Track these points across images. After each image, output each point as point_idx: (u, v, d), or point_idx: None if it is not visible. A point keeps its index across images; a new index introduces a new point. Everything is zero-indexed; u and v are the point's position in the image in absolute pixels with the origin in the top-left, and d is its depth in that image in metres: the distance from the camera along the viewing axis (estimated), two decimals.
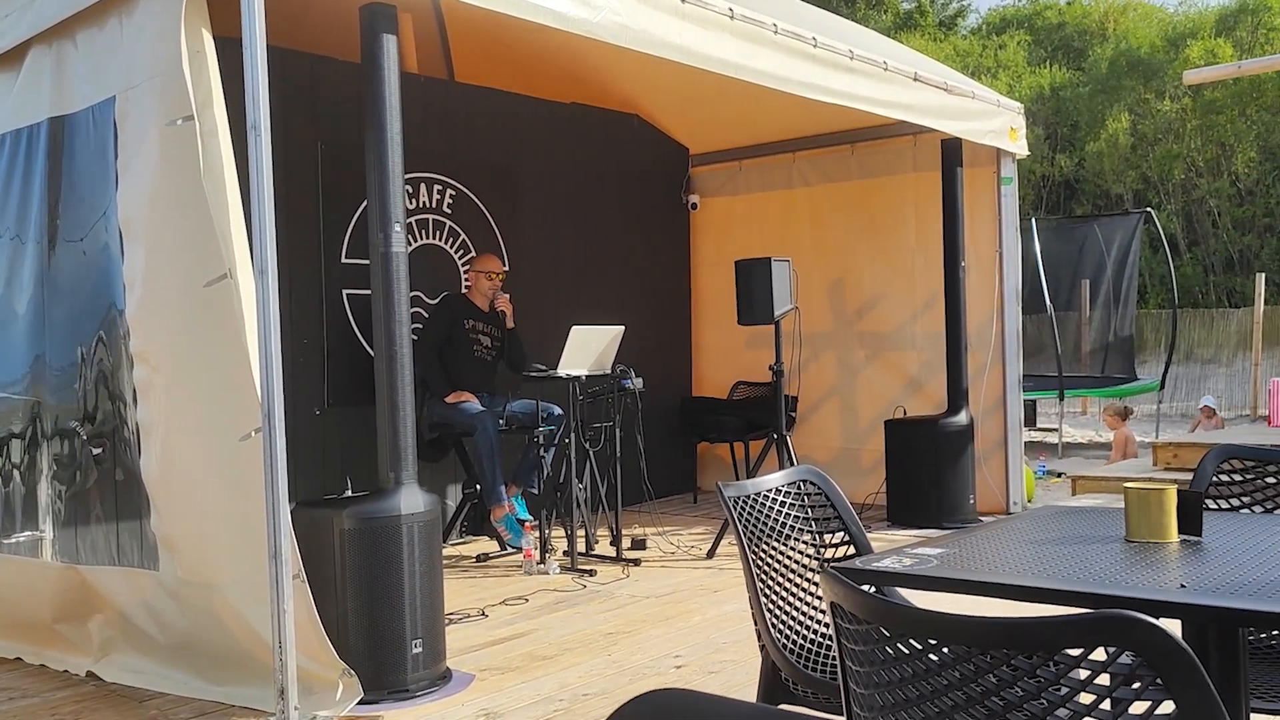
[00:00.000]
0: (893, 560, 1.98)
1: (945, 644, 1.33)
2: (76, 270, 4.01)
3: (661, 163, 8.06)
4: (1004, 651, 1.29)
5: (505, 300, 6.13)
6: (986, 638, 1.29)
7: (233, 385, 3.35)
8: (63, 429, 4.14)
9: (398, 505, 3.69)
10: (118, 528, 3.88)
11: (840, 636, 1.50)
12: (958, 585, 1.82)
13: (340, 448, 5.88)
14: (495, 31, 6.33)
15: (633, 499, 6.74)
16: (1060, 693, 1.29)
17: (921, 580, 1.86)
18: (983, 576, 1.81)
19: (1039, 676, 1.29)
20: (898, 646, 1.39)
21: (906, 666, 1.38)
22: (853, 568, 1.91)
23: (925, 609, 1.35)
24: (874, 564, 1.95)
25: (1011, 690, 1.30)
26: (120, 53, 3.68)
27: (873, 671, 1.43)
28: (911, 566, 1.92)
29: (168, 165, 3.48)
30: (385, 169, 3.73)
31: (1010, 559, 1.97)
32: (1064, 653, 1.28)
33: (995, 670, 1.31)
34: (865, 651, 1.44)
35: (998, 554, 2.01)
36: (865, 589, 1.44)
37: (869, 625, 1.42)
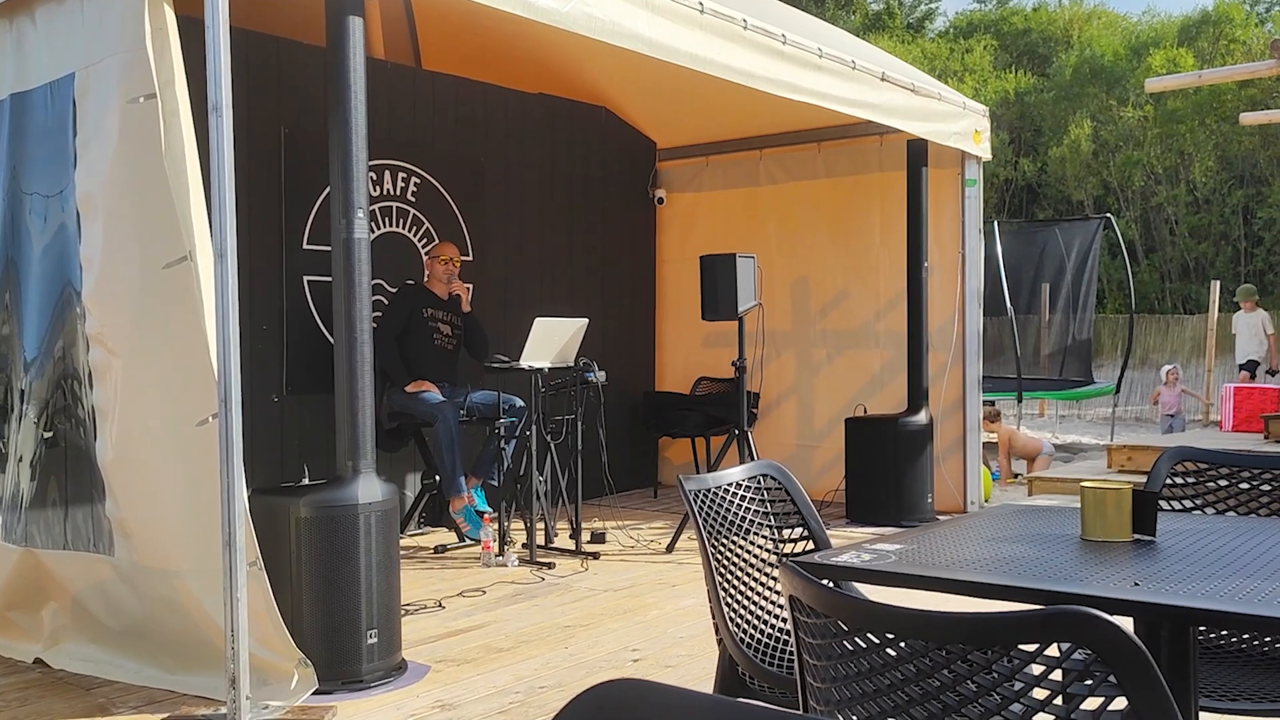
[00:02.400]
0: (851, 555, 1.98)
1: (902, 638, 1.34)
2: (35, 250, 3.93)
3: (629, 156, 8.04)
4: (960, 646, 1.30)
5: (460, 285, 6.08)
6: (943, 632, 1.30)
7: (191, 369, 3.30)
8: (16, 410, 4.06)
9: (355, 494, 3.65)
10: (72, 512, 3.81)
11: (798, 630, 1.50)
12: (915, 581, 1.83)
13: (298, 435, 5.82)
14: (464, 19, 6.28)
15: (593, 492, 6.74)
16: (1015, 688, 1.29)
17: (880, 575, 1.87)
18: (940, 573, 1.82)
19: (994, 671, 1.30)
20: (855, 640, 1.39)
21: (864, 660, 1.38)
22: (812, 562, 1.92)
23: (883, 603, 1.36)
24: (833, 559, 1.95)
25: (967, 685, 1.31)
26: (81, 29, 3.61)
27: (830, 665, 1.43)
28: (870, 562, 1.92)
29: (128, 143, 3.42)
30: (349, 154, 3.68)
31: (968, 556, 1.98)
32: (1019, 648, 1.28)
33: (951, 665, 1.31)
34: (823, 645, 1.44)
35: (956, 551, 2.03)
36: (824, 583, 1.44)
37: (827, 619, 1.42)
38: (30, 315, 3.93)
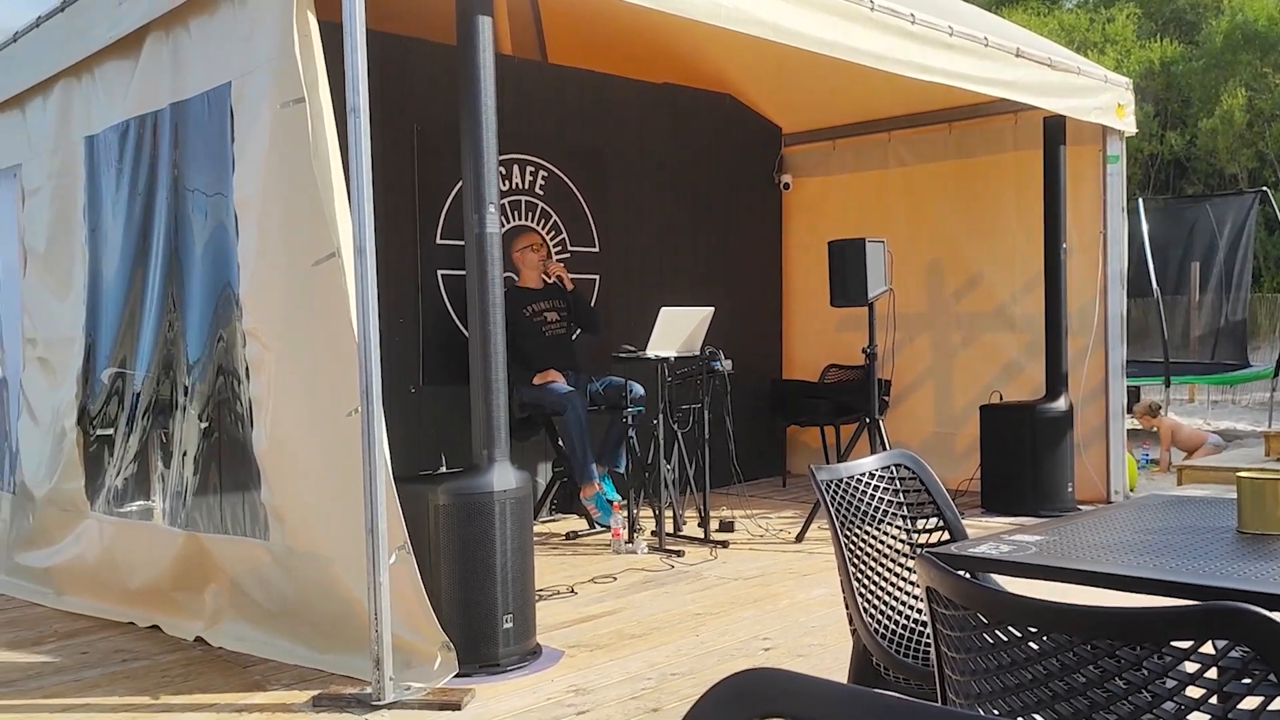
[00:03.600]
0: (990, 546, 1.94)
1: (1045, 632, 1.30)
2: (197, 252, 4.16)
3: (754, 142, 7.99)
4: (1108, 642, 1.25)
5: (558, 266, 6.11)
6: (1089, 627, 1.26)
7: (339, 362, 3.43)
8: (179, 403, 4.30)
9: (491, 482, 3.74)
10: (231, 498, 4.02)
11: (936, 622, 1.47)
12: (1058, 573, 1.77)
13: (434, 425, 5.98)
14: (588, 12, 6.34)
15: (721, 481, 6.73)
16: (1166, 686, 1.25)
17: (1020, 567, 1.82)
18: (1084, 565, 1.76)
19: (1144, 668, 1.25)
20: (996, 633, 1.36)
21: (1004, 654, 1.35)
22: (949, 553, 1.88)
23: (1025, 596, 1.32)
24: (970, 549, 1.91)
25: (1115, 681, 1.26)
26: (234, 39, 3.78)
27: (969, 658, 1.41)
28: (1009, 553, 1.87)
29: (278, 147, 3.58)
30: (480, 152, 3.76)
31: (1113, 548, 1.91)
32: (1171, 645, 1.23)
33: (1098, 661, 1.27)
34: (962, 638, 1.41)
35: (1100, 542, 1.96)
36: (962, 575, 1.42)
37: (966, 611, 1.39)
38: (193, 315, 4.17)
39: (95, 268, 4.90)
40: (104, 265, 4.85)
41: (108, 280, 4.82)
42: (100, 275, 4.87)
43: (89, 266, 4.93)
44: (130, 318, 4.65)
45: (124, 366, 4.68)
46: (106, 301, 4.83)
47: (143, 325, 4.55)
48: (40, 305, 5.34)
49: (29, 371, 5.44)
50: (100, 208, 4.85)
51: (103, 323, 4.85)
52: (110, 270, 4.80)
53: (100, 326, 4.87)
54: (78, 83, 4.98)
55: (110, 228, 4.77)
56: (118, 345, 4.73)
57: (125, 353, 4.68)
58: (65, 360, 5.08)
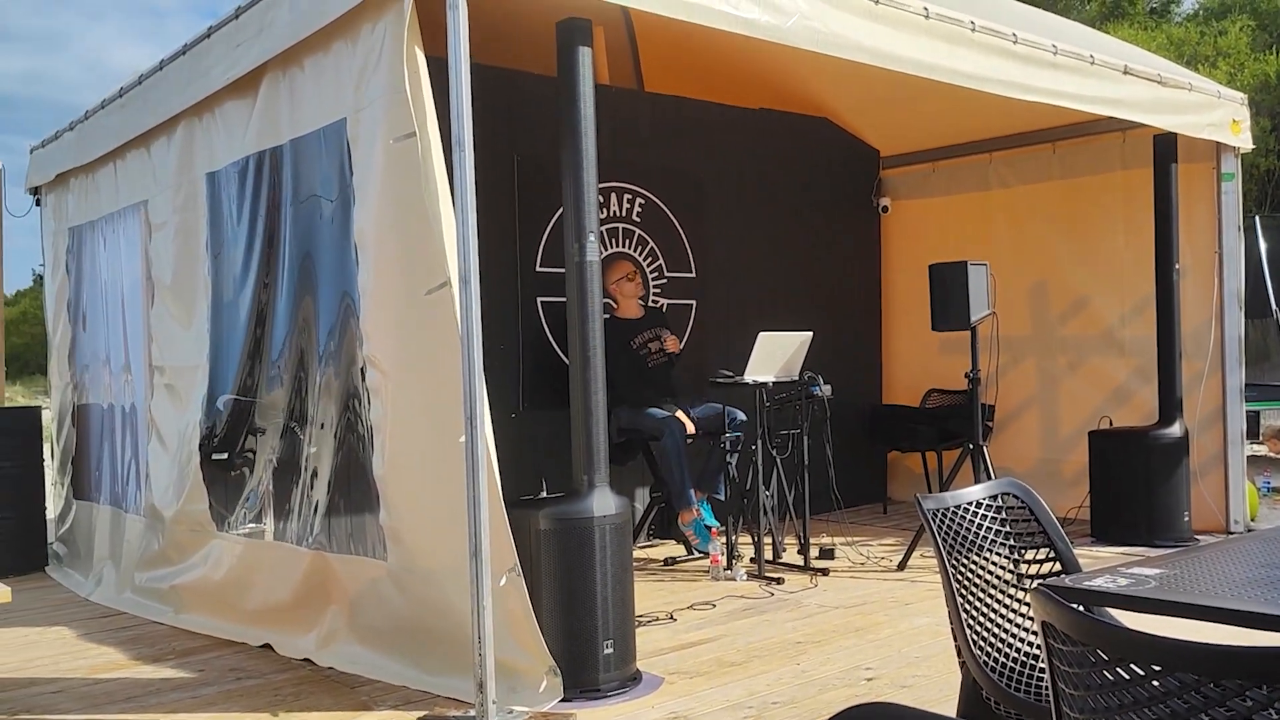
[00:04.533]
0: (1106, 579, 1.88)
1: (1170, 671, 1.26)
2: (317, 283, 4.31)
3: (851, 166, 7.94)
4: (1238, 682, 1.21)
5: (673, 341, 6.06)
6: (1218, 666, 1.21)
7: (450, 388, 3.50)
8: (302, 426, 4.45)
9: (591, 507, 3.77)
10: (354, 519, 4.14)
11: (1052, 658, 1.44)
12: (1181, 609, 1.71)
13: (534, 449, 6.04)
14: (684, 41, 6.37)
15: (821, 508, 6.66)
16: None
17: (1139, 601, 1.77)
18: (1210, 600, 1.70)
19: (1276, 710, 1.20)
20: (1116, 671, 1.32)
21: (1126, 693, 1.31)
22: (1063, 586, 1.83)
23: (1147, 633, 1.29)
24: (1086, 583, 1.86)
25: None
26: (348, 76, 3.93)
27: (1088, 696, 1.37)
28: (1128, 587, 1.82)
29: (393, 180, 3.70)
30: (580, 182, 3.82)
31: (1240, 582, 1.84)
32: None
33: (1227, 702, 1.23)
34: (1080, 675, 1.38)
35: (1225, 576, 1.89)
36: (1079, 609, 1.38)
37: (1084, 647, 1.35)
38: (315, 343, 4.35)
39: (217, 298, 5.11)
40: (225, 295, 5.05)
41: (229, 310, 5.02)
42: (222, 305, 5.08)
43: (211, 297, 5.15)
44: (252, 345, 4.83)
45: (247, 393, 4.87)
46: (228, 330, 5.03)
47: (265, 353, 4.73)
48: (166, 334, 5.58)
49: (156, 398, 5.69)
50: (222, 240, 5.06)
51: (225, 350, 5.05)
52: (231, 300, 5.00)
53: (223, 354, 5.07)
54: (199, 121, 5.22)
55: (231, 259, 4.98)
56: (240, 372, 4.92)
57: (248, 379, 4.86)
58: (190, 387, 5.29)
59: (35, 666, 4.46)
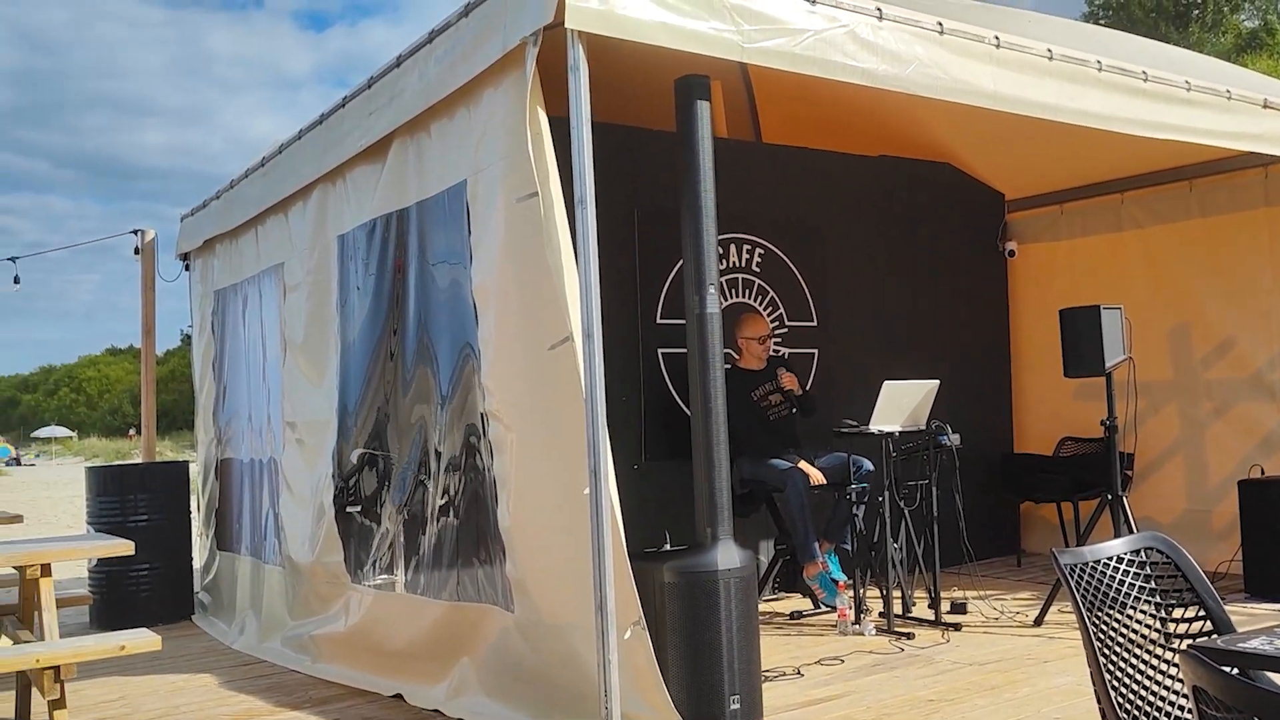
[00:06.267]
0: (1262, 641, 1.78)
1: None
2: (438, 338, 4.44)
3: (975, 210, 7.79)
4: None
5: (790, 379, 6.02)
6: None
7: (573, 441, 3.55)
8: (429, 479, 4.57)
9: (715, 560, 3.75)
10: (480, 571, 4.22)
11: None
12: None
13: (657, 501, 6.04)
14: (801, 91, 6.40)
15: (951, 560, 6.46)
16: None
17: None
18: None
19: None
20: None
21: None
22: (1216, 648, 1.74)
23: None
24: (1240, 644, 1.76)
25: None
26: (469, 139, 4.07)
27: None
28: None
29: (514, 238, 3.79)
30: (700, 235, 3.86)
31: None
32: None
33: None
34: None
35: None
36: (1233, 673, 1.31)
37: (1240, 714, 1.28)
38: (439, 398, 4.46)
39: (346, 355, 5.31)
40: (353, 353, 5.25)
41: (356, 366, 5.21)
42: (350, 362, 5.27)
43: (340, 354, 5.35)
44: (379, 400, 4.99)
45: (375, 446, 5.02)
46: (356, 386, 5.21)
47: (391, 408, 4.88)
48: (298, 391, 5.82)
49: (289, 452, 5.92)
50: (350, 300, 5.26)
51: (353, 405, 5.23)
52: (359, 357, 5.18)
53: (351, 409, 5.25)
54: (332, 187, 5.47)
55: (359, 318, 5.17)
56: (368, 426, 5.09)
57: (376, 433, 5.02)
58: (321, 441, 5.49)
59: (182, 713, 4.64)
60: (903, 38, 3.97)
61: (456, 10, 4.06)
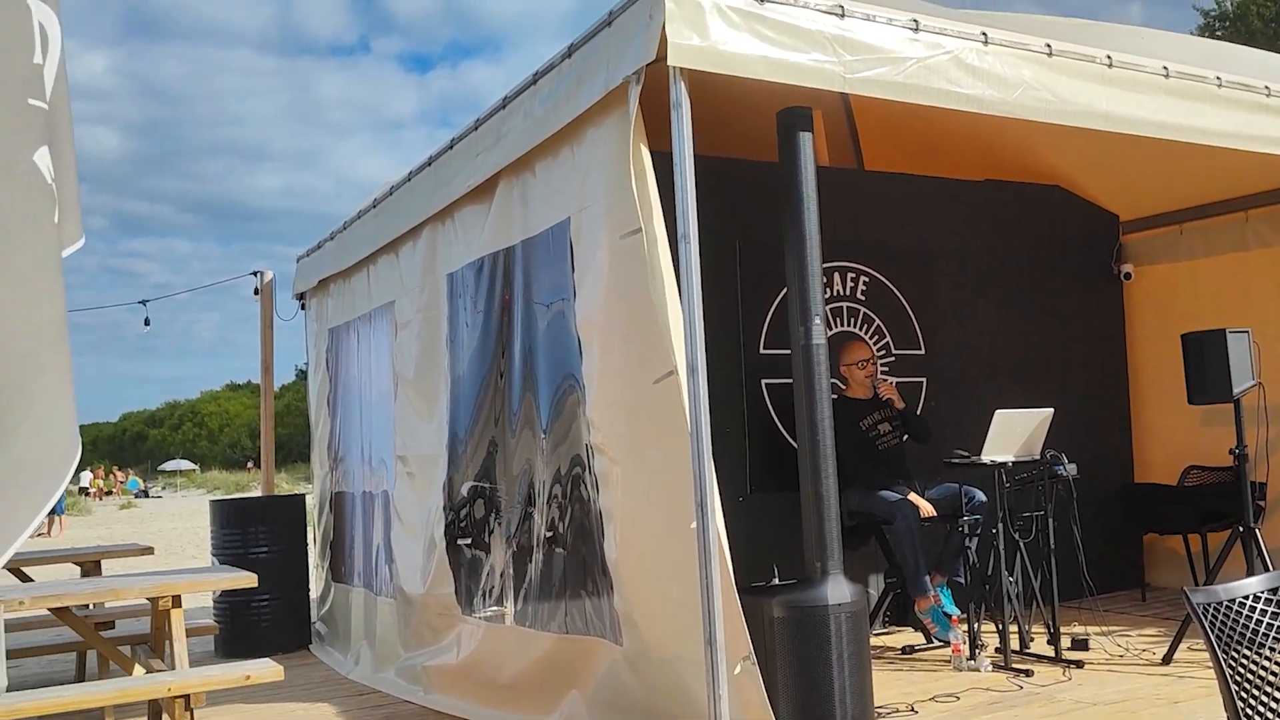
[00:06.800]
0: None
1: None
2: (543, 372, 4.51)
3: (1088, 233, 7.57)
4: None
5: (888, 386, 5.94)
6: None
7: (679, 475, 3.55)
8: (536, 512, 4.62)
9: (825, 595, 3.70)
10: (588, 603, 4.25)
11: None
12: None
13: (763, 534, 5.99)
14: (902, 118, 6.33)
15: (1070, 594, 6.24)
16: None
17: None
18: None
19: None
20: None
21: None
22: None
23: None
24: None
25: None
26: (573, 178, 4.13)
27: None
28: None
29: (617, 274, 3.83)
30: (804, 265, 3.84)
31: None
32: None
33: None
34: None
35: None
36: None
37: None
38: (545, 431, 4.52)
39: (455, 390, 5.42)
40: (462, 388, 5.35)
41: (465, 401, 5.31)
42: (459, 397, 5.38)
43: (450, 389, 5.46)
44: (488, 435, 5.08)
45: (484, 479, 5.10)
46: (465, 420, 5.31)
47: (499, 441, 4.96)
48: (409, 426, 5.95)
49: (400, 486, 6.05)
50: (458, 337, 5.38)
51: (463, 439, 5.33)
52: (468, 392, 5.29)
53: (461, 443, 5.35)
54: (441, 226, 5.61)
55: (467, 353, 5.28)
56: (477, 460, 5.17)
57: (484, 466, 5.11)
58: (431, 475, 5.61)
59: None
60: (1009, 61, 3.91)
61: (560, 51, 4.14)
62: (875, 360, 6.12)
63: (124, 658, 4.68)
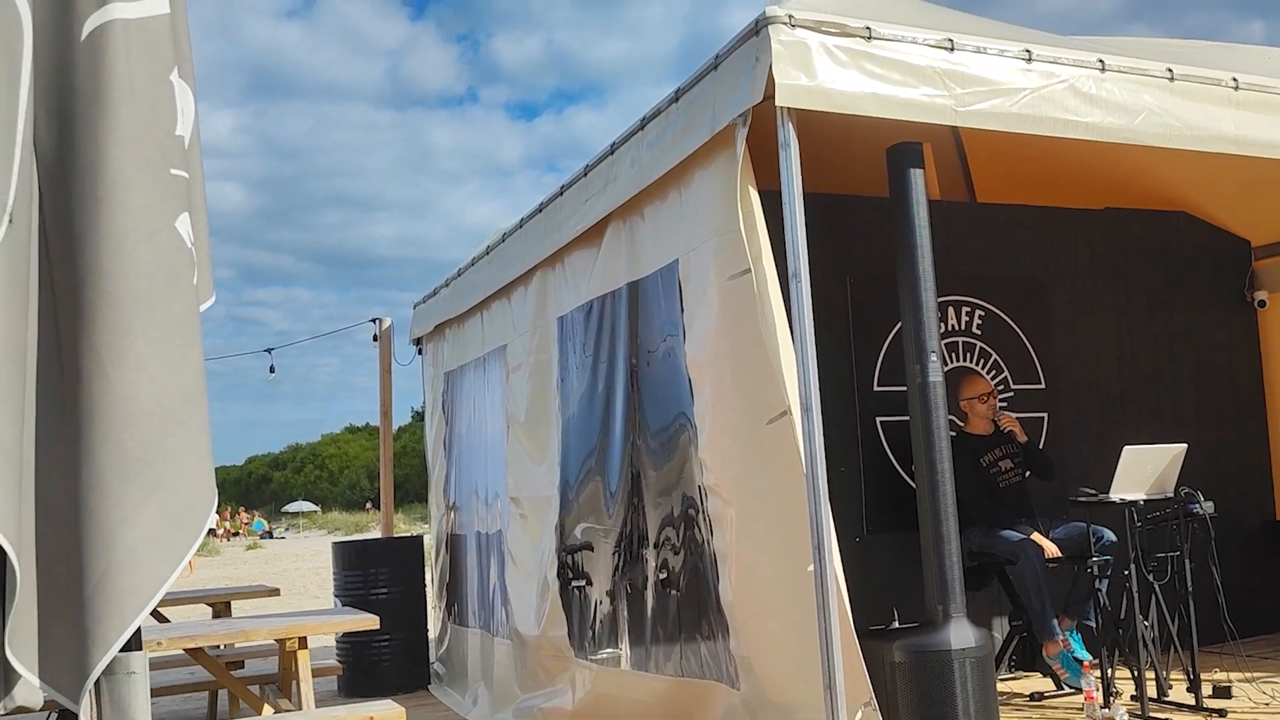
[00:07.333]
0: None
1: None
2: (655, 411, 4.52)
3: (1217, 260, 7.27)
4: None
5: (1010, 418, 5.77)
6: None
7: (794, 516, 3.51)
8: (648, 554, 4.62)
9: (948, 639, 3.60)
10: (703, 646, 4.21)
11: None
12: None
13: (881, 575, 5.87)
14: (1016, 149, 6.20)
15: (1210, 638, 5.93)
16: None
17: None
18: None
19: None
20: None
21: None
22: None
23: None
24: None
25: None
26: (681, 220, 4.16)
27: None
28: None
29: (727, 315, 3.83)
30: (919, 302, 3.78)
31: None
32: None
33: None
34: None
35: None
36: None
37: None
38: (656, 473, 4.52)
39: (566, 432, 5.47)
40: (572, 429, 5.40)
41: (576, 442, 5.36)
42: (570, 438, 5.43)
43: (561, 432, 5.51)
44: (599, 475, 5.10)
45: (595, 520, 5.13)
46: (576, 462, 5.35)
47: (608, 483, 4.98)
48: (520, 468, 6.03)
49: (513, 527, 6.12)
50: (569, 379, 5.44)
51: (574, 481, 5.37)
52: (578, 434, 5.33)
53: (572, 485, 5.39)
54: (551, 271, 5.70)
55: (576, 396, 5.33)
56: (588, 501, 5.20)
57: (595, 507, 5.13)
58: (543, 517, 5.66)
59: None
60: (1129, 88, 3.80)
61: (666, 96, 4.19)
62: (995, 394, 5.97)
63: (254, 697, 4.82)
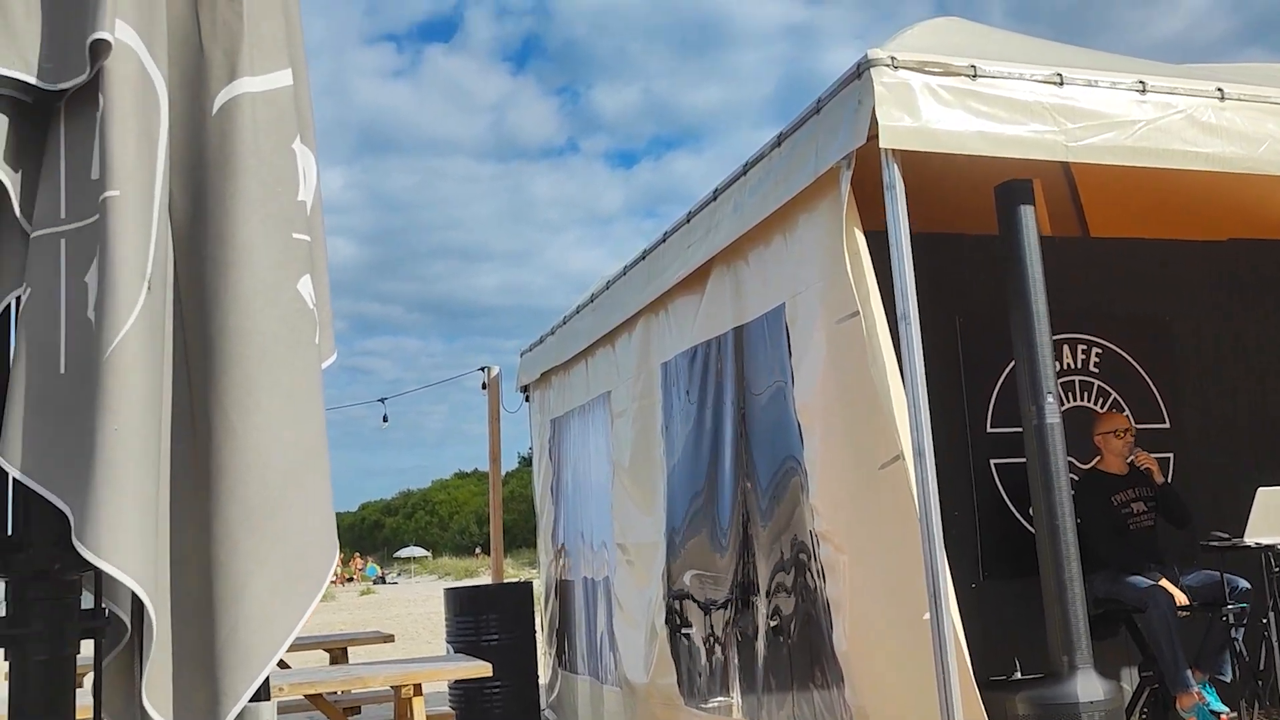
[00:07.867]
0: None
1: None
2: (763, 455, 4.49)
3: None
4: None
5: (1146, 456, 5.55)
6: None
7: (911, 562, 3.44)
8: (758, 602, 4.57)
9: (1075, 692, 3.47)
10: (816, 696, 4.13)
11: None
12: None
13: (999, 622, 5.67)
14: (1130, 181, 6.03)
15: None
16: None
17: None
18: None
19: None
20: None
21: None
22: None
23: None
24: None
25: None
26: (786, 264, 4.15)
27: None
28: None
29: (836, 358, 3.80)
30: (1033, 342, 3.68)
31: None
32: None
33: None
34: None
35: None
36: None
37: None
38: (765, 519, 4.47)
39: (672, 478, 5.46)
40: (678, 476, 5.39)
41: (682, 489, 5.34)
42: (676, 485, 5.42)
43: (666, 478, 5.51)
44: (706, 522, 5.08)
45: (703, 567, 5.09)
46: (682, 508, 5.33)
47: (716, 528, 4.95)
48: (626, 513, 6.04)
49: (620, 573, 6.12)
50: (673, 425, 5.44)
51: (680, 527, 5.35)
52: (684, 480, 5.32)
53: (679, 531, 5.37)
54: (655, 317, 5.73)
55: (681, 441, 5.32)
56: (695, 547, 5.17)
57: (703, 553, 5.10)
58: (650, 563, 5.64)
59: None
60: (1251, 116, 3.67)
61: (769, 141, 4.20)
62: (1133, 430, 5.75)
63: None
